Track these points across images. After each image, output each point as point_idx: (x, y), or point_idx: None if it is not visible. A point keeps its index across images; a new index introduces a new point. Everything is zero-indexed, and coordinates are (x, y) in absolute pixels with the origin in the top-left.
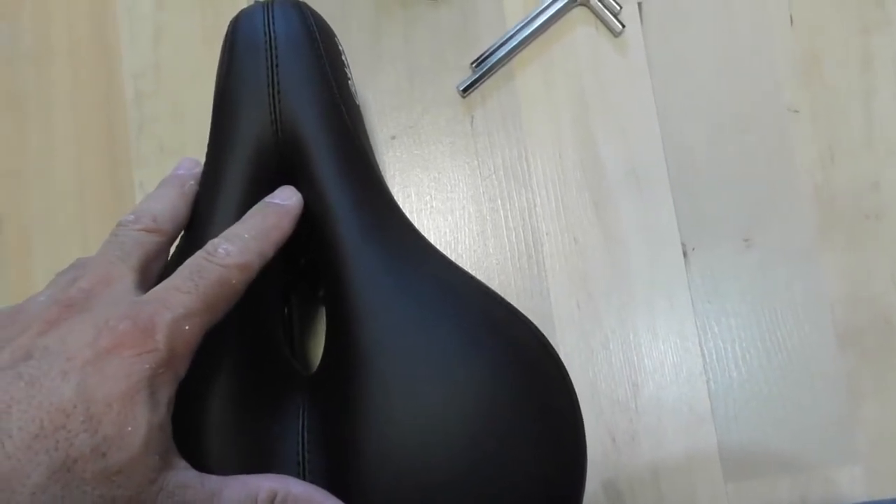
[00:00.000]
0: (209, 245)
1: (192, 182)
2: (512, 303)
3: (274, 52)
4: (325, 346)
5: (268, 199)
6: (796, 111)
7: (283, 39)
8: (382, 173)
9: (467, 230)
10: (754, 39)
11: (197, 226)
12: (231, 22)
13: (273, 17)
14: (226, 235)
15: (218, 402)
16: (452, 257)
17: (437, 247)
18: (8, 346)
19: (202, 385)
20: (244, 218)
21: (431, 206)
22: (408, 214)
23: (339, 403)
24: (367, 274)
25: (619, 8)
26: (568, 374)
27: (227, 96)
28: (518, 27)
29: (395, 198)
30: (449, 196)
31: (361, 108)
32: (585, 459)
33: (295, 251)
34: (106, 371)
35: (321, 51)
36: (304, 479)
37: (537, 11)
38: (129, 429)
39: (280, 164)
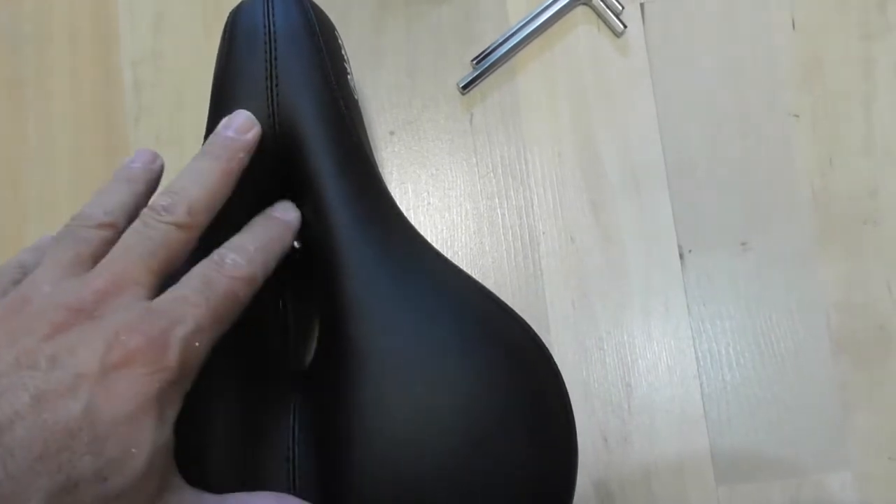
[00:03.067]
0: (216, 255)
1: (243, 155)
2: (507, 301)
3: (273, 44)
4: (319, 341)
5: (268, 211)
6: (796, 116)
7: (282, 32)
8: (380, 169)
9: (464, 228)
10: (756, 43)
11: None
12: (231, 13)
13: (273, 9)
14: (232, 246)
15: (214, 406)
16: (448, 255)
17: (434, 244)
18: (14, 346)
19: (199, 392)
20: (247, 228)
21: (428, 203)
22: (404, 211)
23: (331, 399)
24: (361, 269)
25: (621, 8)
26: (560, 374)
27: (225, 88)
28: (520, 25)
29: (392, 194)
30: (446, 193)
31: (360, 104)
32: (576, 458)
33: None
34: (115, 389)
35: (321, 44)
36: (292, 475)
37: (539, 10)
38: (134, 451)
39: (276, 157)
